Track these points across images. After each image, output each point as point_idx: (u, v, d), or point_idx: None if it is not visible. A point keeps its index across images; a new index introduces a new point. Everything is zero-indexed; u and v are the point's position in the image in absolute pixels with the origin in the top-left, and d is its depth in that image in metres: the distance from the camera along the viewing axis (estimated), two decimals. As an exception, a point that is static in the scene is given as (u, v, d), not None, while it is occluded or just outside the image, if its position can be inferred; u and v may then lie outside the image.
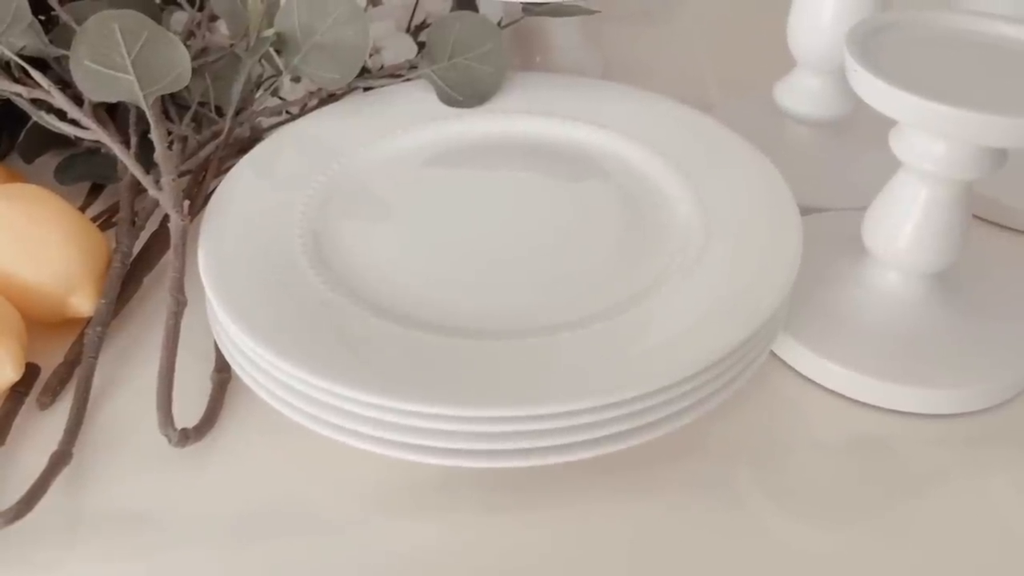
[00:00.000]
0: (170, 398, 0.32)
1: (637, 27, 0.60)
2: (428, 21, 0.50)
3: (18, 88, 0.37)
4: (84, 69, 0.34)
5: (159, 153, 0.35)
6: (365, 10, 0.46)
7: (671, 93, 0.42)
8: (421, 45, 0.46)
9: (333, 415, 0.29)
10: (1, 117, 0.44)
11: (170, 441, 0.31)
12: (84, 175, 0.44)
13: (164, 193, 0.34)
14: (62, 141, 0.41)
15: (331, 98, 0.43)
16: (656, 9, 0.62)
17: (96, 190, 0.44)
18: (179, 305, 0.33)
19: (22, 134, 0.43)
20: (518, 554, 0.30)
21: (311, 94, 0.43)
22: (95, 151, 0.44)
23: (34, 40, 0.37)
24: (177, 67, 0.35)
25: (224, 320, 0.31)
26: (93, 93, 0.35)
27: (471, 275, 0.34)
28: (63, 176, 0.43)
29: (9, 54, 0.36)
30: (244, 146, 0.42)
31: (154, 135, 0.35)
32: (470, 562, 0.30)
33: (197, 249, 0.34)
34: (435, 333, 0.31)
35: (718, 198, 0.36)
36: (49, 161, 0.44)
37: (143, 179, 0.35)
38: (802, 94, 0.45)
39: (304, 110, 0.43)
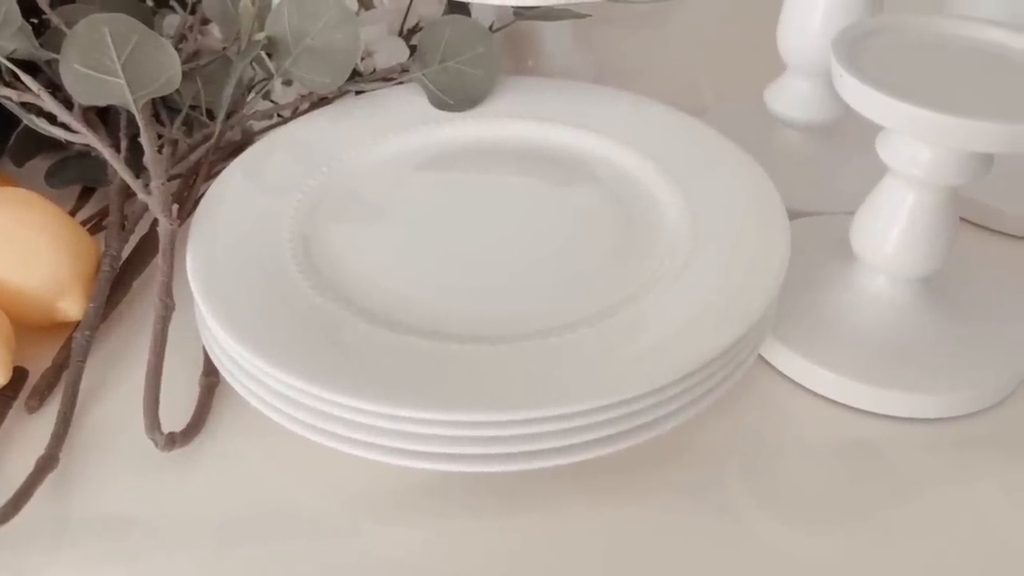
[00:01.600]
0: (157, 402, 0.31)
1: (629, 31, 0.60)
2: (421, 25, 0.50)
3: (8, 92, 0.36)
4: (74, 73, 0.34)
5: (148, 157, 0.35)
6: (357, 14, 0.46)
7: (663, 97, 0.42)
8: (413, 49, 0.46)
9: (321, 420, 0.29)
10: (-7, 121, 0.44)
11: (157, 445, 0.31)
12: (75, 178, 0.43)
13: (153, 197, 0.34)
14: (53, 144, 0.41)
15: (322, 101, 0.43)
16: (648, 13, 0.62)
17: (87, 193, 0.44)
18: (167, 309, 0.33)
19: (12, 137, 0.42)
20: (506, 558, 0.30)
21: (302, 97, 0.43)
22: (86, 154, 0.43)
23: (25, 43, 0.37)
24: (167, 71, 0.35)
25: (212, 325, 0.31)
26: (83, 97, 0.35)
27: (461, 279, 0.34)
28: (54, 179, 0.43)
29: (-1, 57, 0.36)
30: (235, 149, 0.42)
31: (144, 139, 0.35)
32: (458, 566, 0.30)
33: (186, 253, 0.33)
34: (424, 338, 0.31)
35: (708, 202, 0.36)
36: (40, 164, 0.44)
37: (132, 183, 0.35)
38: (792, 98, 0.45)
39: (295, 113, 0.43)
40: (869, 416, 0.34)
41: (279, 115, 0.44)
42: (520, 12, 0.45)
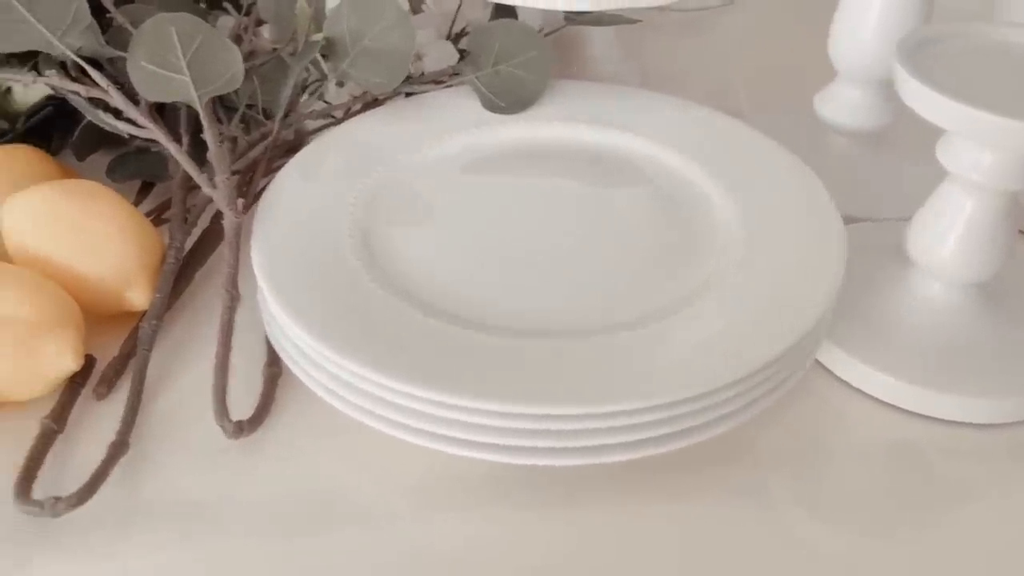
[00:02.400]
0: (225, 390, 0.32)
1: (677, 37, 0.61)
2: (467, 30, 0.51)
3: (76, 87, 0.37)
4: (141, 70, 0.35)
5: (213, 152, 0.36)
6: (407, 17, 0.46)
7: (710, 103, 0.42)
8: (461, 52, 0.47)
9: (382, 408, 0.30)
10: (55, 116, 0.45)
11: (225, 432, 0.32)
12: (135, 173, 0.44)
13: (219, 191, 0.35)
14: (113, 140, 0.42)
15: (374, 103, 0.44)
16: (696, 19, 0.62)
17: (146, 188, 0.45)
18: (233, 300, 0.34)
19: (76, 132, 0.44)
20: (560, 551, 0.30)
21: (355, 98, 0.43)
22: (145, 150, 0.44)
23: (91, 41, 0.38)
24: (231, 69, 0.36)
25: (277, 312, 0.32)
26: (149, 93, 0.36)
27: (514, 278, 0.35)
28: (114, 174, 0.44)
29: (69, 54, 0.37)
30: (290, 147, 0.43)
31: (208, 134, 0.36)
32: (510, 557, 0.30)
33: (250, 246, 0.34)
34: (483, 332, 0.32)
35: (760, 207, 0.37)
36: (100, 159, 0.44)
37: (198, 177, 0.35)
38: (843, 105, 0.45)
39: (348, 114, 0.44)
40: (922, 419, 0.34)
41: (332, 115, 0.44)
42: (571, 17, 0.46)
